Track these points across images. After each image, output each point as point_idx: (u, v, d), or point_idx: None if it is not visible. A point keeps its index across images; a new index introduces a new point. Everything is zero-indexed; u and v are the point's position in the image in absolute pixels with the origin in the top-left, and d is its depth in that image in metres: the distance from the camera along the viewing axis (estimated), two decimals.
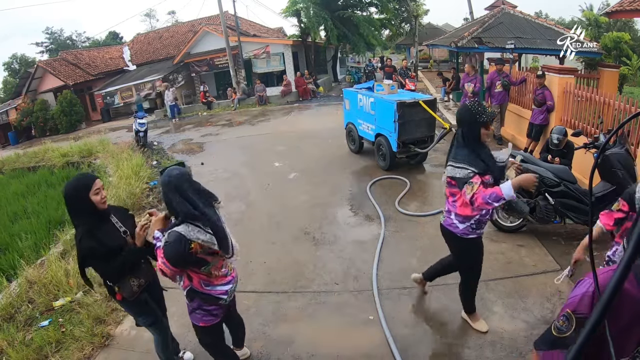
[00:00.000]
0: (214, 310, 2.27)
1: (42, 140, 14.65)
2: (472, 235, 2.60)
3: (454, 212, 2.57)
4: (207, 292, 2.22)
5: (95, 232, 2.23)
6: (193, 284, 2.20)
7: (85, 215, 2.25)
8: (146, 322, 2.57)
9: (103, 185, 2.33)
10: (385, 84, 6.87)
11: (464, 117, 2.44)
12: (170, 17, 45.47)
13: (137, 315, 2.57)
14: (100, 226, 2.28)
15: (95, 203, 2.24)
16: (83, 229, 2.23)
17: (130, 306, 2.49)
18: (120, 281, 2.33)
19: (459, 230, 2.58)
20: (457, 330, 2.97)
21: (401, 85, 10.73)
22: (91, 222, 2.25)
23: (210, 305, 2.25)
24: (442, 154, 7.34)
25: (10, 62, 33.46)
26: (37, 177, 9.65)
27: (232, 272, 2.36)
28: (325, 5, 17.24)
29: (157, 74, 18.45)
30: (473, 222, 2.54)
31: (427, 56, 27.70)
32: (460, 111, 2.51)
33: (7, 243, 5.80)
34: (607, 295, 0.60)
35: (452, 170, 2.41)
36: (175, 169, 2.14)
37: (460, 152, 2.41)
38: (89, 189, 2.22)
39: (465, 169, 2.34)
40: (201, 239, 2.03)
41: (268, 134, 10.56)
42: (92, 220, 2.25)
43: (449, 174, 2.44)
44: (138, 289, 2.38)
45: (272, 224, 5.13)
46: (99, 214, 2.30)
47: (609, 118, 4.95)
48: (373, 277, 3.66)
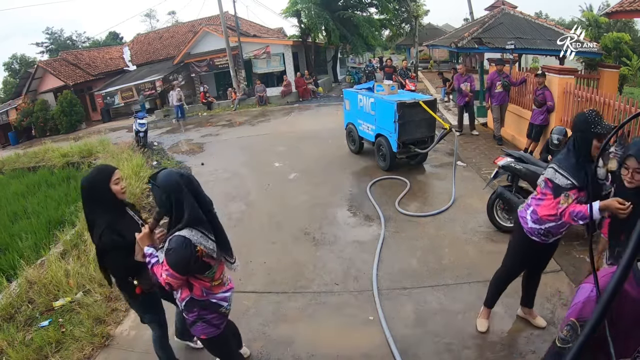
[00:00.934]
0: (214, 319, 2.14)
1: (42, 141, 14.65)
2: (534, 237, 2.52)
3: (532, 208, 2.49)
4: (208, 299, 2.10)
5: (116, 226, 2.23)
6: (193, 292, 2.07)
7: (105, 208, 2.26)
8: (154, 318, 2.58)
9: (122, 176, 2.36)
10: (385, 85, 6.87)
11: (578, 125, 2.29)
12: (170, 17, 45.49)
13: (146, 311, 2.58)
14: (120, 219, 2.31)
15: (115, 193, 2.27)
16: (104, 223, 2.22)
17: (143, 301, 2.48)
18: (141, 273, 2.30)
19: (527, 226, 2.52)
20: (457, 330, 2.96)
21: (401, 85, 10.73)
22: (111, 216, 2.25)
23: (211, 313, 2.12)
24: (442, 154, 7.35)
25: (10, 62, 33.46)
26: (37, 177, 9.64)
27: (230, 283, 2.27)
28: (326, 6, 17.25)
29: (157, 74, 18.46)
30: (543, 228, 2.45)
31: (427, 57, 27.71)
32: (576, 118, 2.37)
33: (7, 243, 5.80)
34: (607, 296, 0.60)
35: (554, 173, 2.30)
36: (175, 171, 2.02)
37: (567, 159, 2.29)
38: (110, 179, 2.25)
39: (567, 179, 2.23)
40: (204, 244, 1.94)
41: (268, 135, 10.56)
42: (111, 213, 2.26)
43: (549, 176, 2.34)
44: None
45: (272, 224, 5.13)
46: (118, 207, 2.33)
47: (609, 118, 4.95)
48: (373, 278, 3.66)
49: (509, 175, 4.26)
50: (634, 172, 1.85)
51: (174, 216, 1.95)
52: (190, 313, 2.11)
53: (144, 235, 2.09)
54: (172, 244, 1.91)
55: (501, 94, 7.48)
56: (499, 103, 7.57)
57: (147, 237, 2.10)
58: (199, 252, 1.94)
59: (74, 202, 6.77)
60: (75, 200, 6.98)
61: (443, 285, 3.51)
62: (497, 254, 3.93)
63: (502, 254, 3.91)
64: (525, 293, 2.94)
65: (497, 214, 4.36)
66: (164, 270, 1.94)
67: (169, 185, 1.93)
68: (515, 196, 4.09)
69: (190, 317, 2.12)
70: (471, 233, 4.40)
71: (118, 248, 2.20)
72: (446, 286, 3.50)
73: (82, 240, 4.90)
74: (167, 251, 1.93)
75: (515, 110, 7.61)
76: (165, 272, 1.94)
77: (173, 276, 1.93)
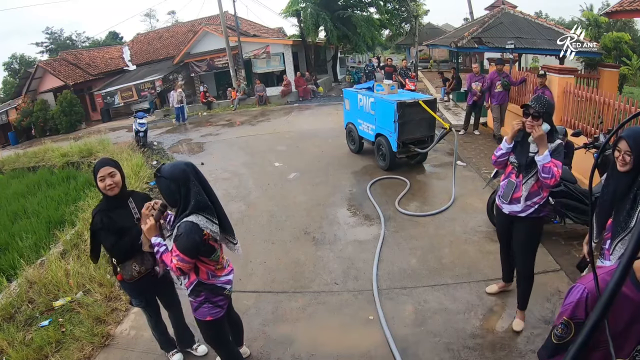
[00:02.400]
0: (220, 301, 2.29)
1: (42, 140, 14.66)
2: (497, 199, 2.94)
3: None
4: (213, 282, 2.24)
5: (109, 212, 2.39)
6: (200, 277, 2.20)
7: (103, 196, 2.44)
8: (139, 304, 2.72)
9: (114, 172, 2.38)
10: (385, 84, 6.87)
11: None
12: (170, 17, 45.43)
13: (131, 296, 2.73)
14: (116, 208, 2.43)
15: (101, 189, 2.37)
16: (99, 206, 2.45)
17: (126, 287, 2.65)
18: (124, 263, 2.46)
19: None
20: (457, 330, 2.97)
21: (401, 85, 10.73)
22: (107, 204, 2.43)
23: (216, 296, 2.26)
24: (442, 154, 7.35)
25: (10, 62, 33.46)
26: (37, 177, 9.64)
27: (230, 264, 2.42)
28: (325, 6, 17.23)
29: (157, 74, 18.47)
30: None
31: (427, 56, 27.70)
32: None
33: (7, 243, 5.80)
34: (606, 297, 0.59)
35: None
36: (180, 161, 2.18)
37: None
38: (96, 175, 2.36)
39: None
40: (209, 229, 2.08)
41: (268, 134, 10.56)
42: (107, 202, 2.43)
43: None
44: (138, 275, 2.50)
45: (272, 224, 5.13)
46: (114, 199, 2.42)
47: (609, 118, 4.95)
48: (373, 277, 3.66)
49: None
50: (625, 154, 1.92)
51: (182, 204, 2.07)
52: (197, 297, 2.24)
53: (151, 226, 2.18)
54: (181, 230, 2.03)
55: (501, 93, 7.48)
56: (498, 103, 7.57)
57: (154, 229, 2.18)
58: (206, 236, 2.08)
59: (74, 202, 6.77)
60: (75, 200, 6.98)
61: (443, 285, 3.51)
62: (496, 253, 3.93)
63: None
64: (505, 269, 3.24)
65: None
66: (175, 256, 2.05)
67: (177, 175, 2.05)
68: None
69: (197, 300, 2.25)
70: (471, 233, 4.40)
71: (105, 228, 2.36)
72: (446, 286, 3.50)
73: (82, 240, 4.90)
74: (176, 237, 2.05)
75: (516, 109, 7.60)
76: (175, 258, 2.04)
77: (183, 260, 2.03)
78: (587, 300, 1.18)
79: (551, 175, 2.45)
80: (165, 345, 2.91)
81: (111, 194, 2.38)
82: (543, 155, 2.46)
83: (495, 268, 3.69)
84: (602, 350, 1.13)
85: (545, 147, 2.48)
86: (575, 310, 1.20)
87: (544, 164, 2.45)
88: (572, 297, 1.23)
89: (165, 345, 2.91)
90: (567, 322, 1.22)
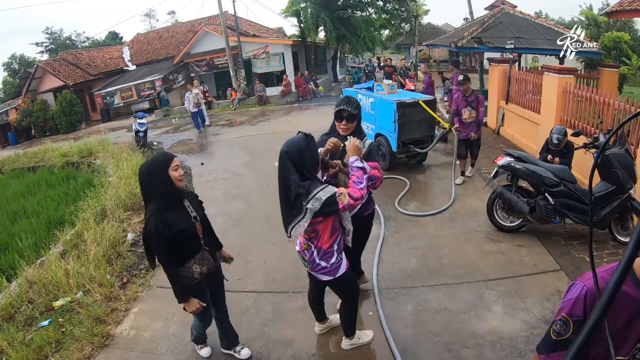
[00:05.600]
0: (341, 252, 2.48)
1: (42, 141, 14.65)
2: None
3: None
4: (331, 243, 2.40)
5: (165, 213, 2.30)
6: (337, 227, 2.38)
7: (159, 195, 2.34)
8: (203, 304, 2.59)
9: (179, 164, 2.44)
10: (385, 84, 6.87)
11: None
12: (170, 17, 45.32)
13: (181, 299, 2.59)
14: (172, 208, 2.37)
15: (173, 179, 2.34)
16: (152, 208, 2.32)
17: (183, 289, 2.50)
18: (184, 266, 2.40)
19: None
20: (457, 330, 2.97)
21: (401, 85, 10.73)
22: (163, 203, 2.33)
23: (339, 247, 2.44)
24: (442, 154, 7.35)
25: (10, 62, 33.41)
26: (37, 177, 9.63)
27: None
28: (325, 6, 17.23)
29: (157, 74, 18.46)
30: None
31: (426, 56, 27.68)
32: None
33: (7, 243, 5.80)
34: (607, 296, 0.59)
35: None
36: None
37: None
38: (168, 165, 2.34)
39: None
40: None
41: (268, 134, 10.55)
42: (164, 201, 2.34)
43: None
44: (199, 276, 2.44)
45: (272, 224, 5.11)
46: (173, 196, 2.39)
47: (609, 118, 4.95)
48: (373, 277, 3.66)
49: (509, 175, 4.26)
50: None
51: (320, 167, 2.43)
52: (338, 254, 2.42)
53: (356, 145, 2.36)
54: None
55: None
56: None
57: (357, 148, 2.35)
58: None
59: (74, 202, 6.76)
60: (75, 200, 6.98)
61: (443, 285, 3.51)
62: (497, 253, 3.94)
63: (501, 254, 3.94)
64: None
65: (497, 213, 4.36)
66: (374, 168, 2.43)
67: (300, 147, 2.41)
68: (515, 196, 4.10)
69: (337, 258, 2.41)
70: (471, 233, 4.40)
71: (161, 239, 2.27)
72: (446, 285, 3.50)
73: (82, 240, 4.90)
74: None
75: (516, 109, 7.60)
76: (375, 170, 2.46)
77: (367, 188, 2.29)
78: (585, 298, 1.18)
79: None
80: (199, 338, 2.91)
81: (180, 185, 2.42)
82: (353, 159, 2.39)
83: (495, 268, 3.70)
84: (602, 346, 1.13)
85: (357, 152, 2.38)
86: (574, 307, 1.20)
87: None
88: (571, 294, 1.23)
89: (199, 339, 2.91)
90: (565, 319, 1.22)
